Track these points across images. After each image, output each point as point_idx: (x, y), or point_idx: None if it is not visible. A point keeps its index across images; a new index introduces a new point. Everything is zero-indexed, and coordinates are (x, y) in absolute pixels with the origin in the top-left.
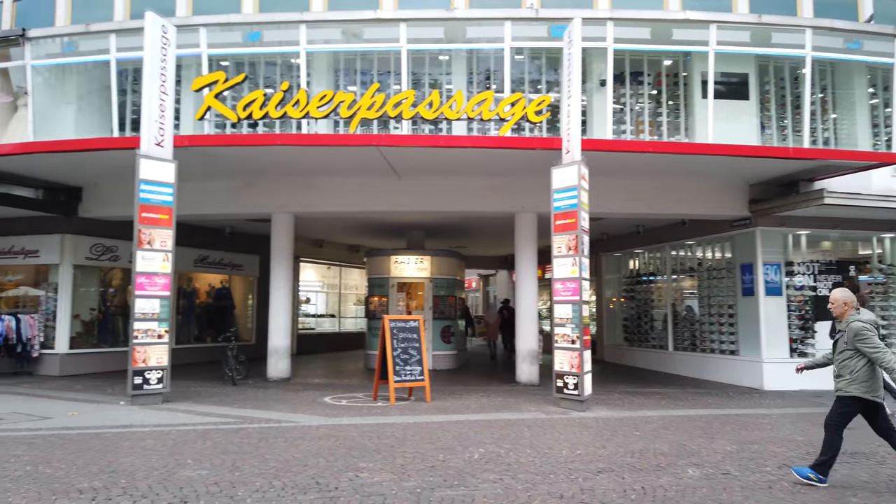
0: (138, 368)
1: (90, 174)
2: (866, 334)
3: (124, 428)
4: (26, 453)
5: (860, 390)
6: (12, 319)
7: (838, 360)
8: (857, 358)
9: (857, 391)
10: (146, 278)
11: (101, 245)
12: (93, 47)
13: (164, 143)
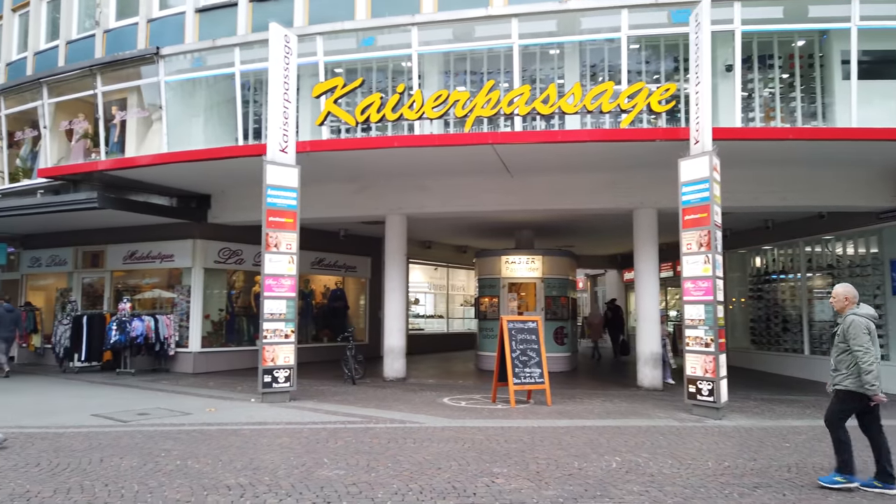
0: (267, 367)
1: (218, 182)
2: (856, 331)
3: (258, 425)
4: (174, 448)
5: (855, 385)
6: (151, 320)
7: (835, 355)
8: (852, 353)
9: (852, 385)
10: (273, 280)
11: (228, 249)
12: (219, 61)
13: (287, 150)
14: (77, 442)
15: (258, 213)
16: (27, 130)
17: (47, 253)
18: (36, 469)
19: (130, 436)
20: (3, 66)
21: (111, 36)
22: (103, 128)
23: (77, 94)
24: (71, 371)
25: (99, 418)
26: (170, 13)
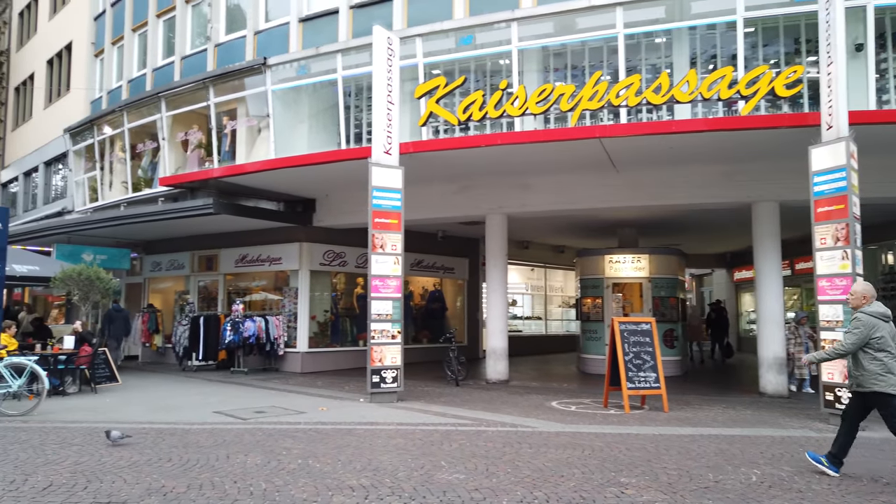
0: (375, 367)
1: (322, 186)
2: (859, 328)
3: (371, 425)
4: (294, 446)
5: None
6: (262, 321)
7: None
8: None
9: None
10: (380, 281)
11: (332, 251)
12: (321, 68)
13: (391, 151)
14: (203, 438)
15: (360, 215)
16: (147, 142)
17: (167, 258)
18: (169, 464)
19: (252, 433)
20: (125, 83)
21: (221, 49)
22: (216, 137)
23: (192, 106)
24: (189, 369)
25: (220, 415)
26: (275, 24)
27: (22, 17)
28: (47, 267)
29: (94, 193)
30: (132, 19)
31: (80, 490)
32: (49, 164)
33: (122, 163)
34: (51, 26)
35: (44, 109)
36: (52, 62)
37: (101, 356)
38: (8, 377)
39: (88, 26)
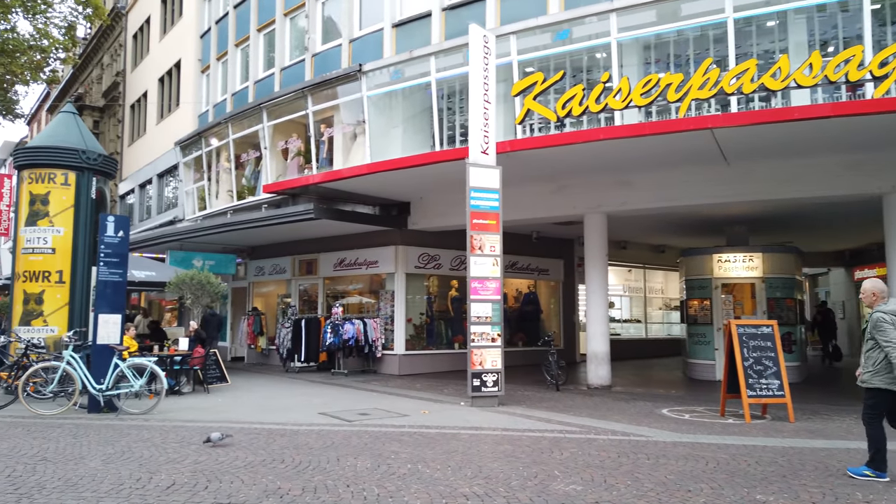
0: (476, 371)
1: (416, 189)
2: (883, 326)
3: (475, 430)
4: (401, 450)
5: (883, 381)
6: (361, 323)
7: (864, 351)
8: (879, 349)
9: (879, 382)
10: (479, 283)
11: (427, 254)
12: (415, 72)
13: (488, 151)
14: (312, 440)
15: (455, 218)
16: (250, 152)
17: (269, 262)
18: (282, 466)
19: (358, 436)
20: (229, 96)
21: (318, 59)
22: (314, 145)
23: (291, 115)
24: (292, 370)
25: (326, 417)
26: (369, 31)
27: (136, 39)
28: (162, 272)
29: (203, 202)
30: (235, 35)
31: (202, 490)
32: (161, 176)
33: (228, 172)
34: (161, 46)
35: (156, 125)
36: (163, 80)
37: (212, 357)
38: (130, 377)
39: (195, 44)
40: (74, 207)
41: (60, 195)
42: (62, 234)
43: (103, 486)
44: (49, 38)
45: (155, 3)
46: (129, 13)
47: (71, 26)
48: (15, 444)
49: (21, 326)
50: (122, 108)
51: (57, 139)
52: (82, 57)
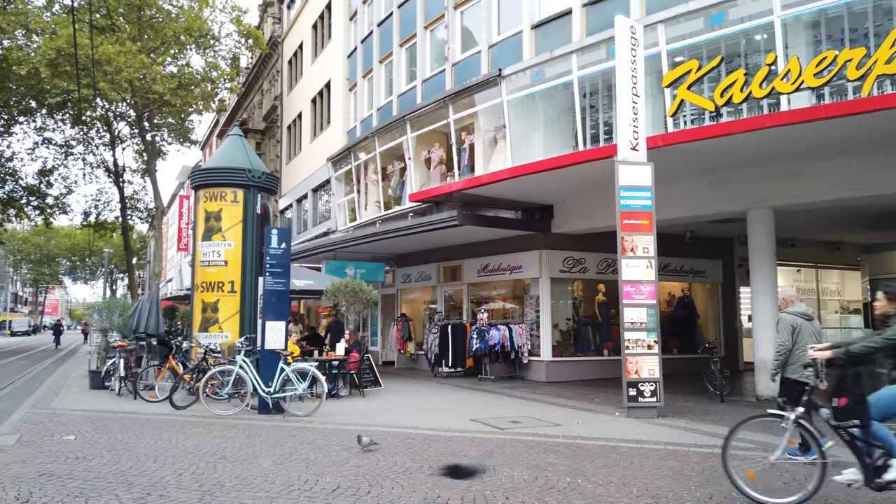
0: (631, 380)
1: (559, 192)
2: (781, 327)
3: (636, 443)
4: (559, 462)
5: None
6: (506, 329)
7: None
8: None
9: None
10: (632, 286)
11: (572, 258)
12: (556, 71)
13: (638, 147)
14: (466, 447)
15: (601, 219)
16: (395, 163)
17: (415, 270)
18: (440, 473)
19: (512, 444)
20: (374, 110)
21: (458, 68)
22: (455, 152)
23: (433, 125)
24: (440, 375)
25: (477, 424)
26: (507, 36)
27: (290, 64)
28: (319, 281)
29: (353, 214)
30: (379, 52)
31: (364, 494)
32: (315, 191)
33: (375, 184)
34: (313, 69)
35: (310, 143)
36: (315, 100)
37: (366, 362)
38: (295, 381)
39: (343, 64)
40: (242, 222)
41: (231, 211)
42: (233, 248)
43: (275, 487)
44: (217, 69)
45: (307, 29)
46: (284, 41)
47: (235, 58)
48: (197, 442)
49: (200, 333)
50: (279, 129)
51: (226, 160)
52: (245, 85)
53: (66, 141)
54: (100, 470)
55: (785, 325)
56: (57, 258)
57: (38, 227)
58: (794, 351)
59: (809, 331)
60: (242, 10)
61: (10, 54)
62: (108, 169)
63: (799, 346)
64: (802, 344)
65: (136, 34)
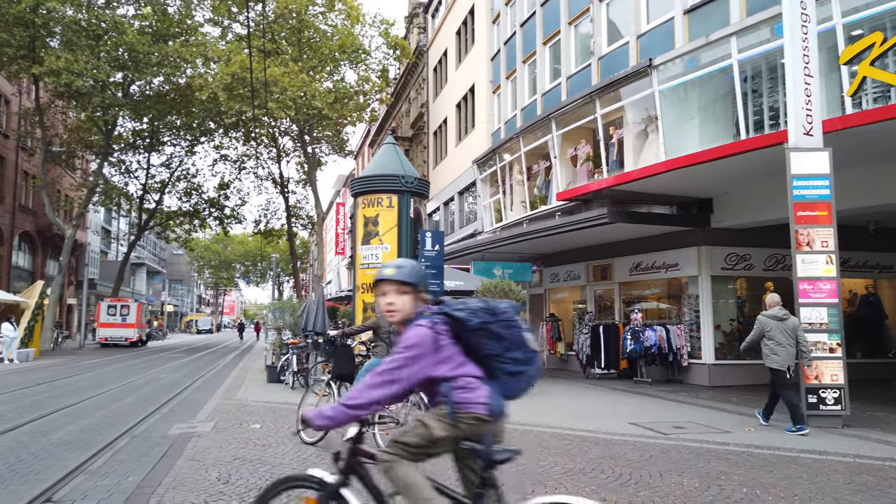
0: (811, 385)
1: (719, 184)
2: (757, 324)
3: (819, 455)
4: (732, 471)
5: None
6: (663, 330)
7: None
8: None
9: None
10: (809, 284)
11: (735, 254)
12: (712, 57)
13: (812, 132)
14: (628, 451)
15: (768, 212)
16: (540, 163)
17: (563, 269)
18: (602, 476)
19: (677, 450)
20: (518, 111)
21: (604, 62)
22: (603, 148)
23: (579, 122)
24: (592, 377)
25: (637, 427)
26: (657, 24)
27: (436, 71)
28: (469, 282)
29: (499, 214)
30: (522, 52)
31: (527, 493)
32: (461, 193)
33: (521, 184)
34: (457, 75)
35: (455, 147)
36: (459, 105)
37: None
38: None
39: (486, 67)
40: (397, 226)
41: (386, 216)
42: (389, 251)
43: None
44: (369, 82)
45: (450, 36)
46: (429, 49)
47: (384, 69)
48: None
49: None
50: (426, 135)
51: (381, 168)
52: (393, 95)
53: (240, 157)
54: (284, 457)
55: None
56: (233, 263)
57: (217, 236)
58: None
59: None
60: (390, 22)
61: (192, 82)
62: (275, 180)
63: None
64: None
65: (297, 55)
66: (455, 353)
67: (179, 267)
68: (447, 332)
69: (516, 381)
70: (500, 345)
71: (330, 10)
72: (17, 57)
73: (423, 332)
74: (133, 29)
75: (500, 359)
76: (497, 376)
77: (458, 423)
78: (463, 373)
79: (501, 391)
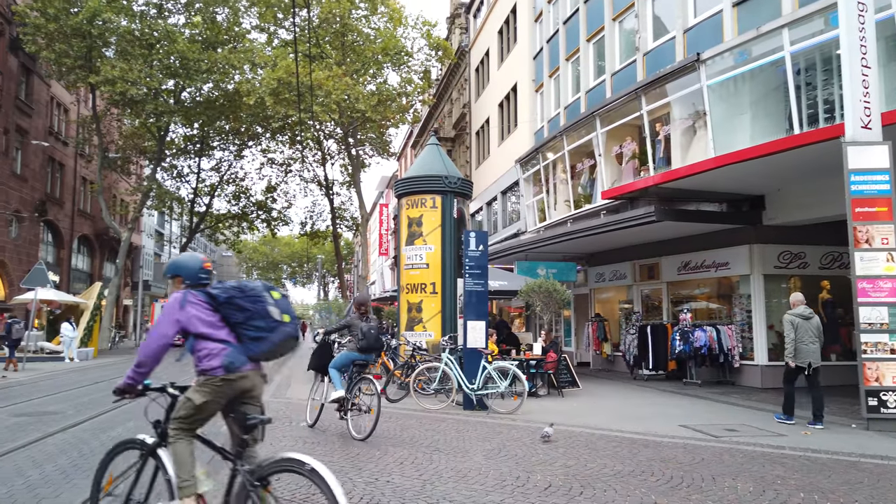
0: (871, 388)
1: (772, 180)
2: (785, 325)
3: (881, 460)
4: (788, 476)
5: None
6: (713, 330)
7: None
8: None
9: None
10: (868, 283)
11: (789, 252)
12: (763, 49)
13: (871, 125)
14: (679, 454)
15: (823, 208)
16: (585, 161)
17: (609, 268)
18: (652, 479)
19: (730, 454)
20: (562, 109)
21: (649, 57)
22: (650, 145)
23: (624, 119)
24: (640, 378)
25: (687, 430)
26: (705, 17)
27: (477, 72)
28: (513, 282)
29: (543, 214)
30: (565, 50)
31: (577, 495)
32: (504, 193)
33: (564, 183)
34: (499, 74)
35: (497, 147)
36: (501, 105)
37: (562, 363)
38: (496, 379)
39: (529, 66)
40: (441, 227)
41: (430, 217)
42: (433, 251)
43: (489, 481)
44: (411, 83)
45: (492, 35)
46: (471, 50)
47: (426, 71)
48: (413, 434)
49: (407, 332)
50: (468, 135)
51: (425, 169)
52: (435, 95)
53: (286, 160)
54: (333, 455)
55: (786, 324)
56: (280, 264)
57: (265, 238)
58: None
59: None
60: (432, 24)
61: (240, 87)
62: (320, 183)
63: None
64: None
65: (341, 58)
66: (214, 321)
67: (229, 268)
68: (207, 305)
69: (258, 344)
70: (244, 314)
71: (373, 14)
72: (76, 67)
73: (172, 298)
74: (184, 37)
75: (244, 326)
76: (242, 341)
77: (209, 387)
78: (215, 335)
79: (245, 352)
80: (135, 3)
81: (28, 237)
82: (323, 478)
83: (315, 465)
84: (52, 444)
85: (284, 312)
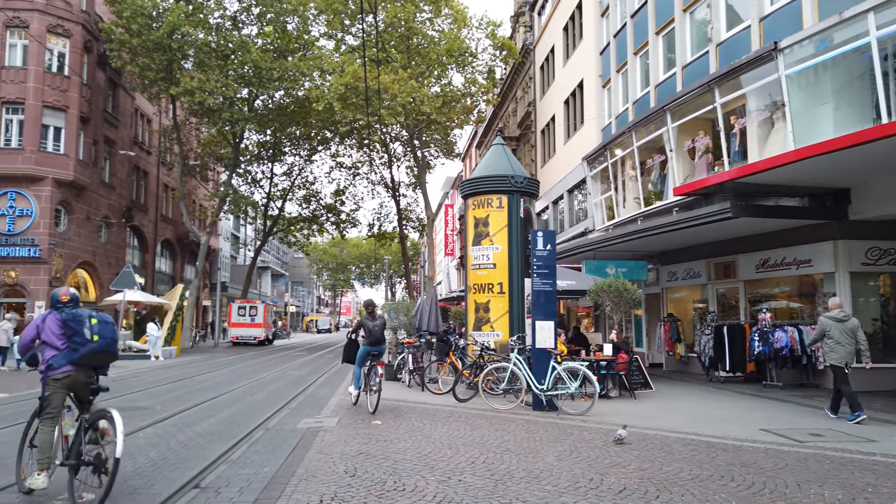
0: None
1: (859, 172)
2: (820, 326)
3: None
4: (880, 484)
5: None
6: (795, 331)
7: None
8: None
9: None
10: None
11: (878, 248)
12: (846, 36)
13: None
14: (760, 458)
15: None
16: (655, 157)
17: (682, 267)
18: (733, 484)
19: (816, 459)
20: (630, 105)
21: (722, 48)
22: (724, 139)
23: (696, 112)
24: (716, 380)
25: (769, 434)
26: (783, 4)
27: (542, 69)
28: (581, 281)
29: (611, 212)
30: (633, 44)
31: (653, 499)
32: (571, 191)
33: (634, 180)
34: (565, 71)
35: (563, 145)
36: (567, 102)
37: (634, 363)
38: (566, 379)
39: (595, 62)
40: (508, 226)
41: (497, 217)
42: (500, 251)
43: (561, 482)
44: (476, 84)
45: (557, 32)
46: (535, 47)
47: (490, 70)
48: (483, 434)
49: (474, 332)
50: (533, 134)
51: (490, 169)
52: (500, 95)
53: (354, 164)
54: (405, 453)
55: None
56: (348, 265)
57: (334, 240)
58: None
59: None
60: (496, 23)
61: (310, 94)
62: (387, 185)
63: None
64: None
65: (406, 62)
66: (60, 333)
67: (300, 270)
68: (60, 323)
69: (75, 353)
70: (71, 331)
71: (437, 16)
72: (157, 79)
73: (37, 317)
74: (257, 47)
75: (69, 340)
76: (69, 349)
77: (50, 385)
78: (55, 343)
79: (68, 358)
80: (211, 17)
81: (116, 242)
82: (114, 420)
83: (114, 413)
84: (143, 437)
85: (95, 334)
